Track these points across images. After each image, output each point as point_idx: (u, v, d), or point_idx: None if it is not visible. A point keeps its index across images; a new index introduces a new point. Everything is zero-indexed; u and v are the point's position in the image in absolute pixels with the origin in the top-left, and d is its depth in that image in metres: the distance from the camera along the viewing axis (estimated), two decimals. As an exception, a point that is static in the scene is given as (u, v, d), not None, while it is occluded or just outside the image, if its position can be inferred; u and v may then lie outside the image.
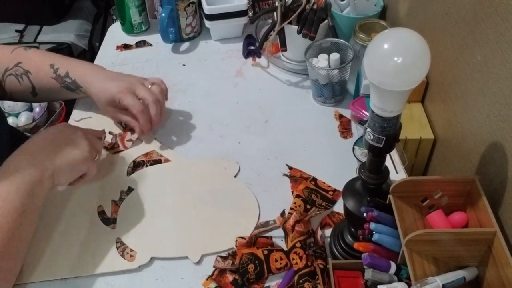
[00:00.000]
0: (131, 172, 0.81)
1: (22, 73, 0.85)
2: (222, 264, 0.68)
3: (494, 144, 0.64)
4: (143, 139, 0.87)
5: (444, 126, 0.80)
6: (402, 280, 0.56)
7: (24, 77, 0.85)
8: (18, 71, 0.85)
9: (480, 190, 0.59)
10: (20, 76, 0.85)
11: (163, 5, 1.04)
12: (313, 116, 0.92)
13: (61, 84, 0.85)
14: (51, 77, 0.85)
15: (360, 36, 0.91)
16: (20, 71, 0.85)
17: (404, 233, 0.56)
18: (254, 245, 0.69)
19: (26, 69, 0.85)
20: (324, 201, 0.76)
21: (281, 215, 0.74)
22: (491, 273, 0.56)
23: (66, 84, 0.85)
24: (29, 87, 0.86)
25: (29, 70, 0.85)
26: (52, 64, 0.85)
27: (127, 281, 0.67)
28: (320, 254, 0.67)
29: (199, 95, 0.98)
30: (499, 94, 0.62)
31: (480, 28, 0.66)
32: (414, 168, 0.86)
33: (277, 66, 1.03)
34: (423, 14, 0.87)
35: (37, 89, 0.87)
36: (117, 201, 0.77)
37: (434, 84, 0.84)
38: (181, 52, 1.10)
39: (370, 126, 0.55)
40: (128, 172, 0.81)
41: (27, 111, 1.48)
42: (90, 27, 1.89)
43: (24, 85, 0.86)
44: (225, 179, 0.80)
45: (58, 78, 0.85)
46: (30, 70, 0.85)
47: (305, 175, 0.80)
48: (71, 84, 0.85)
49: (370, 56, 0.51)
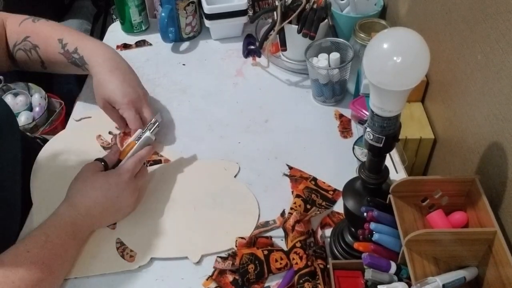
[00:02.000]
0: None
1: (30, 47, 0.84)
2: (222, 265, 0.67)
3: (494, 143, 0.64)
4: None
5: (444, 125, 0.80)
6: (402, 280, 0.56)
7: (33, 52, 0.85)
8: (27, 45, 0.84)
9: (480, 189, 0.59)
10: (29, 51, 0.85)
11: (163, 5, 1.04)
12: (313, 116, 0.92)
13: (69, 60, 0.85)
14: (59, 52, 0.84)
15: (360, 35, 0.91)
16: (28, 45, 0.84)
17: (404, 233, 0.56)
18: (254, 245, 0.69)
19: (34, 44, 0.84)
20: (324, 201, 0.76)
21: (281, 215, 0.74)
22: (491, 273, 0.56)
23: (74, 60, 0.84)
24: (38, 60, 0.86)
25: (37, 45, 0.84)
26: (61, 38, 0.84)
27: (127, 281, 0.67)
28: (320, 254, 0.67)
29: (199, 95, 0.98)
30: (499, 93, 0.62)
31: (480, 27, 0.66)
32: (414, 168, 0.86)
33: (277, 66, 1.03)
34: (423, 14, 0.87)
35: (46, 63, 0.87)
36: None
37: (434, 84, 0.84)
38: (181, 52, 1.10)
39: (370, 126, 0.55)
40: None
41: (27, 111, 1.48)
42: (90, 26, 1.89)
43: (33, 59, 0.86)
44: (225, 180, 0.80)
45: (66, 53, 0.84)
46: (38, 45, 0.84)
47: (305, 175, 0.80)
48: (79, 60, 0.84)
49: (370, 55, 0.51)
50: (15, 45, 0.85)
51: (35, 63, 0.87)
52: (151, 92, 0.97)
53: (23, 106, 1.50)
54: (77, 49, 0.84)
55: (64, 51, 0.84)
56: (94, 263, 0.69)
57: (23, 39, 0.84)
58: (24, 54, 0.85)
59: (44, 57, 0.86)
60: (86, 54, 0.83)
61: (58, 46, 0.84)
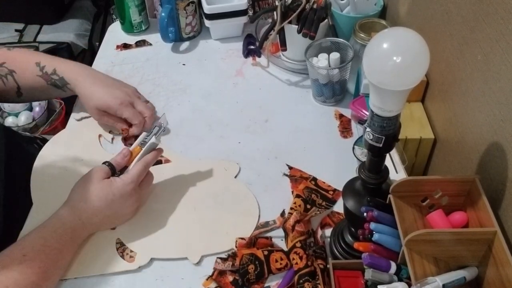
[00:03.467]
0: None
1: (6, 73, 0.84)
2: (222, 266, 0.67)
3: (495, 143, 0.64)
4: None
5: (444, 125, 0.80)
6: (402, 280, 0.56)
7: (9, 77, 0.84)
8: (2, 71, 0.84)
9: (480, 189, 0.59)
10: (4, 77, 0.84)
11: (163, 5, 1.04)
12: (313, 116, 0.92)
13: (48, 82, 0.85)
14: (37, 75, 0.84)
15: (360, 35, 0.91)
16: (4, 71, 0.84)
17: (404, 233, 0.56)
18: (254, 246, 0.69)
19: (10, 69, 0.84)
20: (324, 201, 0.76)
21: (281, 215, 0.74)
22: (491, 272, 0.56)
23: (53, 82, 0.85)
24: (14, 87, 0.85)
25: (14, 70, 0.84)
26: (38, 62, 0.85)
27: (127, 281, 0.67)
28: (320, 254, 0.67)
29: (199, 95, 0.98)
30: (500, 93, 0.62)
31: (480, 27, 0.66)
32: (414, 168, 0.86)
33: (277, 66, 1.03)
34: (423, 14, 0.87)
35: (22, 88, 0.86)
36: None
37: (434, 84, 0.84)
38: (181, 52, 1.10)
39: (370, 126, 0.55)
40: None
41: (27, 111, 1.48)
42: (90, 26, 1.89)
43: (8, 85, 0.85)
44: (225, 180, 0.80)
45: (45, 75, 0.84)
46: (15, 70, 0.84)
47: (305, 175, 0.80)
48: (59, 81, 0.85)
49: (370, 55, 0.51)
50: None
51: (10, 90, 0.86)
52: (151, 92, 0.97)
53: (23, 106, 1.51)
54: (56, 70, 0.85)
55: (43, 73, 0.85)
56: (94, 263, 0.69)
57: None
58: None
59: (21, 82, 0.85)
60: (66, 74, 0.85)
61: (36, 69, 0.85)
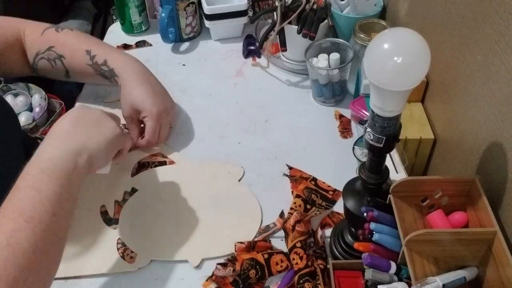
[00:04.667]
0: (135, 173, 0.81)
1: (55, 57, 0.83)
2: (223, 272, 0.67)
3: (494, 144, 0.64)
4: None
5: (444, 126, 0.80)
6: (403, 280, 0.56)
7: (57, 61, 0.83)
8: (51, 55, 0.83)
9: (480, 190, 0.59)
10: (53, 60, 0.83)
11: (163, 5, 1.04)
12: (313, 116, 0.92)
13: (97, 72, 0.84)
14: (87, 63, 0.83)
15: (360, 36, 0.91)
16: (53, 55, 0.83)
17: (404, 233, 0.56)
18: (253, 249, 0.69)
19: (59, 54, 0.83)
20: (324, 201, 0.76)
21: (280, 216, 0.74)
22: (491, 273, 0.56)
23: (103, 72, 0.83)
24: (62, 70, 0.85)
25: (62, 55, 0.83)
26: (89, 50, 0.83)
27: (127, 281, 0.67)
28: (320, 255, 0.67)
29: (199, 95, 0.98)
30: (499, 93, 0.62)
31: (480, 28, 0.66)
32: (414, 168, 0.86)
33: (277, 66, 1.03)
34: (423, 14, 0.87)
35: (71, 73, 0.86)
36: (120, 202, 0.77)
37: (434, 84, 0.84)
38: (181, 52, 1.10)
39: (370, 126, 0.55)
40: (132, 172, 0.81)
41: (27, 111, 1.48)
42: (90, 27, 1.89)
43: (57, 68, 0.84)
44: (229, 183, 0.80)
45: (95, 65, 0.83)
46: (64, 55, 0.83)
47: (305, 175, 0.80)
48: (108, 72, 0.83)
49: (370, 56, 0.51)
50: (38, 54, 0.83)
51: (58, 73, 0.86)
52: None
53: (23, 107, 1.50)
54: (107, 61, 0.83)
55: (93, 63, 0.83)
56: (95, 263, 0.69)
57: (46, 48, 0.82)
58: (48, 63, 0.83)
59: (69, 67, 0.84)
60: (116, 67, 0.83)
61: (86, 58, 0.83)
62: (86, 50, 0.83)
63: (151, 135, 0.81)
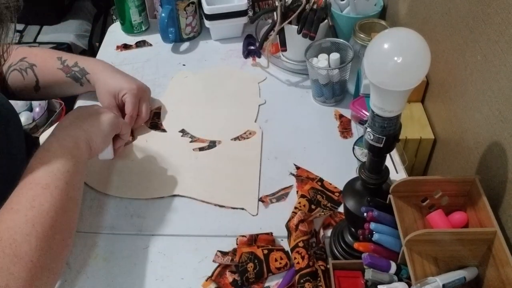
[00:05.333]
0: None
1: (27, 67, 0.85)
2: (222, 260, 0.67)
3: (494, 144, 0.64)
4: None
5: (444, 126, 0.80)
6: (403, 280, 0.56)
7: (28, 71, 0.85)
8: (23, 65, 0.85)
9: (480, 190, 0.59)
10: (24, 70, 0.85)
11: (163, 5, 1.04)
12: (313, 116, 0.92)
13: (67, 74, 0.86)
14: (58, 68, 0.86)
15: (360, 36, 0.91)
16: (25, 65, 0.85)
17: (404, 233, 0.56)
18: (255, 243, 0.69)
19: (31, 63, 0.86)
20: (329, 202, 0.76)
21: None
22: (491, 273, 0.56)
23: (73, 73, 0.86)
24: (32, 81, 0.86)
25: (34, 64, 0.86)
26: (60, 57, 0.87)
27: (127, 281, 0.67)
28: (320, 255, 0.67)
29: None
30: (499, 93, 0.62)
31: (480, 28, 0.66)
32: (414, 168, 0.86)
33: (277, 66, 1.03)
34: (423, 14, 0.87)
35: (41, 82, 0.87)
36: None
37: (434, 84, 0.84)
38: (181, 52, 1.10)
39: (370, 126, 0.55)
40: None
41: (27, 111, 1.48)
42: (90, 27, 1.89)
43: (27, 79, 0.86)
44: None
45: (66, 68, 0.86)
46: (36, 63, 0.86)
47: (312, 175, 0.80)
48: (79, 72, 0.86)
49: (370, 56, 0.51)
50: (10, 66, 0.86)
51: (28, 85, 0.87)
52: (151, 92, 0.97)
53: (23, 107, 1.51)
54: (77, 62, 0.87)
55: (64, 66, 0.87)
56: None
57: (19, 60, 0.85)
58: (19, 74, 0.85)
59: (40, 74, 0.86)
60: (87, 66, 0.87)
61: (57, 63, 0.87)
62: (58, 56, 0.88)
63: (131, 109, 0.85)
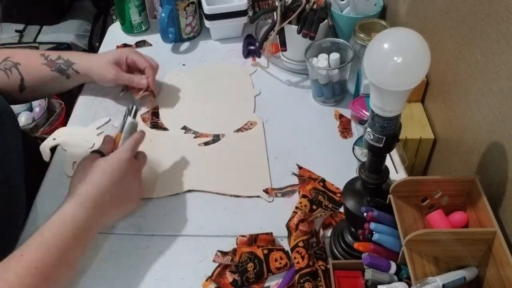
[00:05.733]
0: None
1: (11, 65, 0.85)
2: (222, 260, 0.67)
3: (494, 144, 0.64)
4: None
5: (444, 126, 0.80)
6: (402, 280, 0.56)
7: (13, 70, 0.85)
8: (7, 64, 0.85)
9: (480, 190, 0.59)
10: (9, 69, 0.85)
11: (163, 5, 1.04)
12: (313, 116, 0.92)
13: (52, 68, 0.87)
14: (42, 63, 0.87)
15: (360, 36, 0.91)
16: (9, 64, 0.85)
17: (404, 233, 0.56)
18: (255, 243, 0.69)
19: (15, 62, 0.85)
20: (331, 203, 0.75)
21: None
22: (491, 272, 0.56)
23: (58, 66, 0.87)
24: (17, 80, 0.85)
25: (18, 62, 0.85)
26: (43, 53, 0.88)
27: (127, 281, 0.67)
28: (320, 255, 0.67)
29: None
30: (499, 93, 0.62)
31: (480, 28, 0.66)
32: (414, 168, 0.86)
33: (277, 66, 1.03)
34: (423, 14, 0.87)
35: (26, 80, 0.86)
36: None
37: (434, 84, 0.84)
38: (181, 52, 1.10)
39: (370, 126, 0.55)
40: None
41: (27, 111, 1.48)
42: (90, 27, 1.89)
43: (12, 78, 0.85)
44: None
45: (50, 62, 0.87)
46: (20, 62, 0.86)
47: (314, 175, 0.80)
48: (64, 63, 0.87)
49: (370, 56, 0.51)
50: None
51: (13, 85, 0.86)
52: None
53: (23, 107, 1.51)
54: (61, 55, 0.88)
55: (48, 61, 0.87)
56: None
57: (3, 59, 0.85)
58: (3, 73, 0.84)
59: (25, 72, 0.85)
60: (70, 56, 0.88)
61: (41, 59, 0.87)
62: (41, 53, 0.88)
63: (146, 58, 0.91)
